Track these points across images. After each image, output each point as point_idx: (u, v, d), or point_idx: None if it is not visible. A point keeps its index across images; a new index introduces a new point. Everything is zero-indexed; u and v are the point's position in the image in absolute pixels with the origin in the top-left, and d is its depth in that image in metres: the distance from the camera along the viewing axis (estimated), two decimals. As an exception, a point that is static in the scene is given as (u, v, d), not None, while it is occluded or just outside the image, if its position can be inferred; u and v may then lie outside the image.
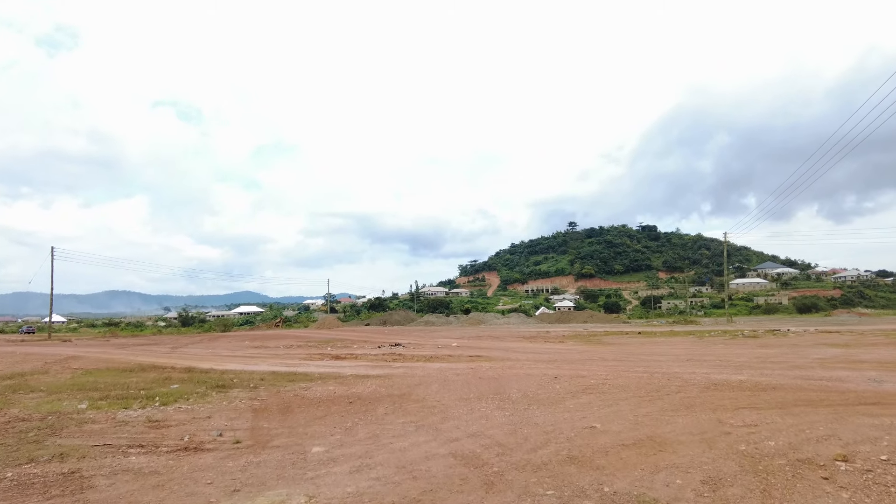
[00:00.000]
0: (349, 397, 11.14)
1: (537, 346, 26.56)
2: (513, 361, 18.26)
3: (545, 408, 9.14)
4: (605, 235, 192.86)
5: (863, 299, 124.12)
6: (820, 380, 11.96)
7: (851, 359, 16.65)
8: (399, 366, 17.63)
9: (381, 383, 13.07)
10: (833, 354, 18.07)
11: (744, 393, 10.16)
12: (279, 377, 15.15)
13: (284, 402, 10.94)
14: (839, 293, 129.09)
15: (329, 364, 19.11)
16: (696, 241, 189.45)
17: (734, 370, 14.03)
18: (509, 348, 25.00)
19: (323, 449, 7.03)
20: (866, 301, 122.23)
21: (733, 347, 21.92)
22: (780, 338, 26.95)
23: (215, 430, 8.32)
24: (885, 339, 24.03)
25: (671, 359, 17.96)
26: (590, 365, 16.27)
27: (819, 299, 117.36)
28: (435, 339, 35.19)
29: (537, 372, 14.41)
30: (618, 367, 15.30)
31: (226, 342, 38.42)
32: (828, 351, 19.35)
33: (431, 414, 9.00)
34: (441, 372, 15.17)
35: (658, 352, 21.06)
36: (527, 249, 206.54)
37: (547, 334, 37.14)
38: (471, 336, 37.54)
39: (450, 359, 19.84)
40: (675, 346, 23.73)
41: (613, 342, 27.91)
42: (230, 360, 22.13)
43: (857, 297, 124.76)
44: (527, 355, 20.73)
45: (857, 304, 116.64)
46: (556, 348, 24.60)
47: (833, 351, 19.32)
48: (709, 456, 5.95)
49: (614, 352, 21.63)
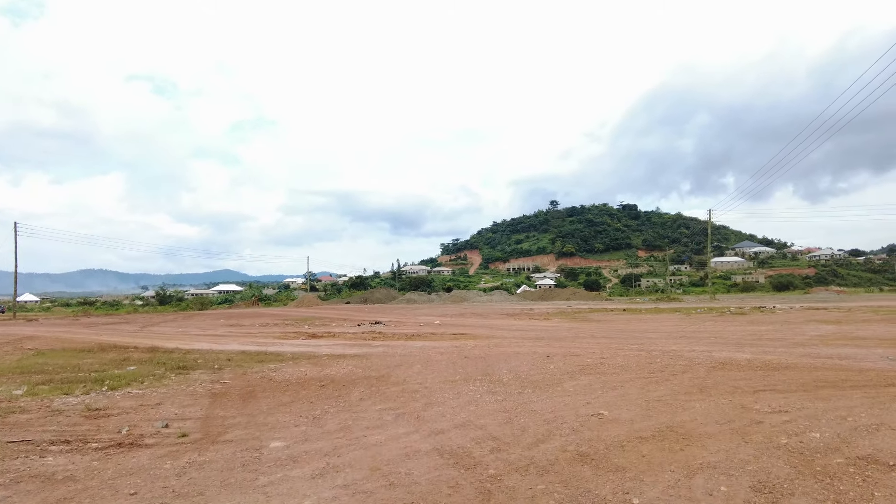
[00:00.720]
0: (321, 380, 9.98)
1: (522, 323, 25.63)
2: (499, 339, 17.25)
3: (541, 391, 8.07)
4: (586, 214, 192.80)
5: (836, 277, 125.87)
6: (830, 358, 11.10)
7: (850, 335, 15.92)
8: (378, 344, 16.51)
9: (357, 364, 11.93)
10: (829, 331, 17.36)
11: (756, 373, 9.21)
12: (248, 357, 13.94)
13: (249, 385, 9.75)
14: (814, 272, 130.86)
15: (304, 343, 17.91)
16: (676, 220, 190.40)
17: (735, 348, 13.15)
18: (494, 325, 24.01)
19: (283, 444, 5.87)
20: (839, 279, 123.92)
21: (724, 324, 21.17)
22: (769, 314, 26.37)
23: (161, 421, 7.10)
24: (875, 316, 23.54)
25: (664, 336, 17.09)
26: (581, 342, 15.30)
27: (795, 278, 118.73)
28: (417, 316, 34.12)
29: (527, 350, 13.38)
30: (611, 345, 14.35)
31: (200, 321, 36.92)
32: (822, 327, 18.66)
33: (413, 399, 7.88)
34: (423, 351, 14.07)
35: (648, 328, 20.22)
36: (508, 228, 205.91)
37: (531, 311, 36.30)
38: (454, 314, 36.54)
39: (432, 337, 18.77)
40: (664, 323, 22.95)
41: (599, 319, 27.10)
42: (200, 339, 20.81)
43: (830, 276, 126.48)
44: (513, 333, 19.75)
45: (830, 283, 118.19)
46: (542, 325, 23.68)
47: (828, 327, 18.64)
48: (748, 452, 4.90)
49: (603, 328, 20.75)
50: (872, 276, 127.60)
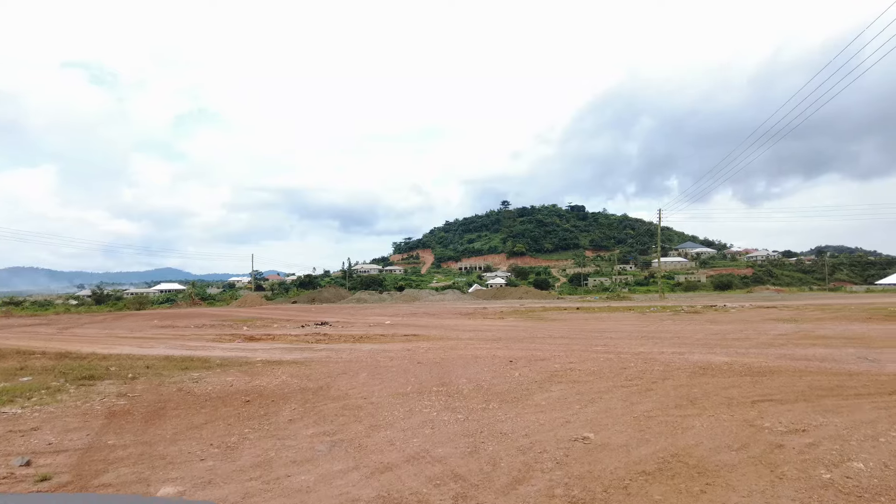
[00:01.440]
0: (249, 393, 8.40)
1: (477, 322, 24.43)
2: (454, 341, 15.94)
3: (509, 406, 6.77)
4: (536, 215, 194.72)
5: (771, 277, 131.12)
6: (808, 360, 10.30)
7: (812, 334, 15.42)
8: (322, 348, 14.92)
9: (295, 372, 10.36)
10: (790, 330, 16.89)
11: (742, 379, 8.22)
12: (171, 364, 12.12)
13: (160, 400, 8.06)
14: (751, 272, 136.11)
15: (239, 346, 16.11)
16: (622, 221, 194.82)
17: (706, 349, 12.28)
18: (448, 326, 22.71)
19: (176, 489, 4.34)
20: (774, 279, 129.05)
21: (683, 324, 20.57)
22: (723, 313, 26.12)
23: (21, 457, 5.39)
24: (824, 314, 23.54)
25: (626, 336, 16.19)
26: (542, 344, 14.17)
27: (734, 277, 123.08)
28: (367, 316, 32.47)
29: (486, 353, 12.11)
30: (574, 347, 13.26)
31: (132, 321, 34.06)
32: (781, 326, 18.24)
33: (355, 419, 6.44)
34: (372, 355, 12.60)
35: (607, 328, 19.36)
36: (461, 227, 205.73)
37: (484, 310, 35.22)
38: (405, 313, 35.06)
39: (382, 339, 17.29)
40: (622, 322, 22.21)
41: (555, 318, 26.22)
42: (124, 342, 18.62)
43: (766, 276, 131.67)
44: (468, 333, 18.49)
45: (766, 282, 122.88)
46: (497, 325, 22.54)
47: (786, 326, 18.23)
48: (789, 495, 3.73)
49: (561, 328, 19.77)
50: (803, 276, 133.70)
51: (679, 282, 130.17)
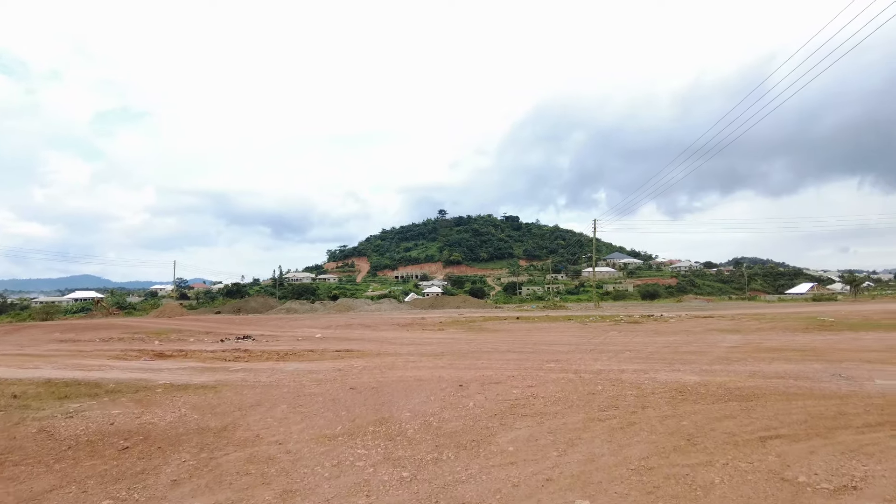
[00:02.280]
0: (130, 435, 6.47)
1: (416, 335, 22.83)
2: (393, 357, 14.29)
3: (468, 454, 5.24)
4: (473, 224, 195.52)
5: (694, 287, 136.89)
6: (781, 377, 9.39)
7: (764, 346, 14.85)
8: (239, 368, 12.89)
9: (199, 402, 8.42)
10: (739, 342, 16.33)
11: (728, 406, 7.08)
12: (50, 390, 9.86)
13: (5, 449, 6.04)
14: (675, 281, 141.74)
15: (144, 366, 13.81)
16: (554, 232, 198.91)
17: (667, 365, 11.26)
18: (385, 338, 20.98)
19: None
20: (696, 289, 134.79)
21: (628, 335, 19.79)
22: (663, 323, 25.75)
23: None
24: (760, 323, 23.52)
25: (575, 349, 15.07)
26: (490, 361, 12.76)
27: (659, 287, 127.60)
28: (296, 328, 30.14)
29: (430, 374, 10.55)
30: (526, 364, 11.93)
31: (29, 334, 30.16)
32: (728, 337, 17.72)
33: (263, 481, 4.72)
34: (296, 378, 10.76)
35: (554, 340, 18.26)
36: (398, 235, 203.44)
37: (423, 321, 33.62)
38: (339, 324, 32.92)
39: (310, 356, 15.39)
40: (565, 333, 21.24)
41: (497, 329, 25.02)
42: (6, 360, 15.83)
43: (689, 286, 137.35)
44: (407, 347, 16.87)
45: (689, 291, 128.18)
46: (437, 337, 21.02)
47: (733, 337, 17.73)
48: None
49: (505, 340, 18.51)
50: (723, 286, 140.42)
51: (608, 291, 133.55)
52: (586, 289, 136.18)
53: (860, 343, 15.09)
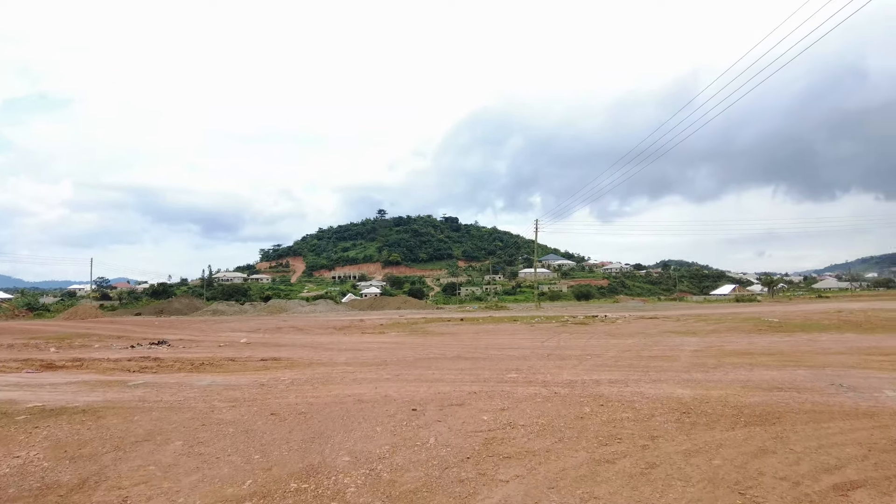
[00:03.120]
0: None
1: (354, 339, 20.77)
2: (327, 367, 12.28)
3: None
4: (412, 225, 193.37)
5: (624, 288, 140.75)
6: (780, 389, 8.15)
7: (729, 350, 13.88)
8: (141, 382, 10.54)
9: (64, 437, 6.21)
10: (701, 345, 15.35)
11: (753, 432, 5.63)
12: None
13: None
14: (607, 283, 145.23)
15: (22, 380, 11.16)
16: (492, 234, 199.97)
17: (642, 374, 9.86)
18: (319, 344, 18.82)
19: None
20: (627, 290, 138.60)
21: (582, 337, 18.58)
22: (609, 324, 24.85)
23: None
24: (707, 325, 22.93)
25: (533, 355, 13.56)
26: (442, 370, 11.01)
27: (592, 288, 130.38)
28: (221, 332, 27.32)
29: (373, 391, 8.67)
30: (484, 374, 10.26)
31: None
32: (686, 340, 16.76)
33: None
34: (206, 397, 8.61)
35: (505, 344, 16.74)
36: (335, 235, 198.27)
37: (361, 323, 31.46)
38: (269, 328, 30.24)
39: (230, 366, 13.13)
40: (516, 336, 19.81)
41: (442, 331, 23.33)
42: None
43: (620, 287, 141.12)
44: (345, 355, 14.86)
45: (620, 292, 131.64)
46: (378, 341, 19.08)
47: (691, 340, 16.79)
48: None
49: (453, 344, 16.83)
50: (652, 287, 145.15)
51: (543, 291, 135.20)
52: (523, 289, 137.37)
53: (820, 345, 14.40)
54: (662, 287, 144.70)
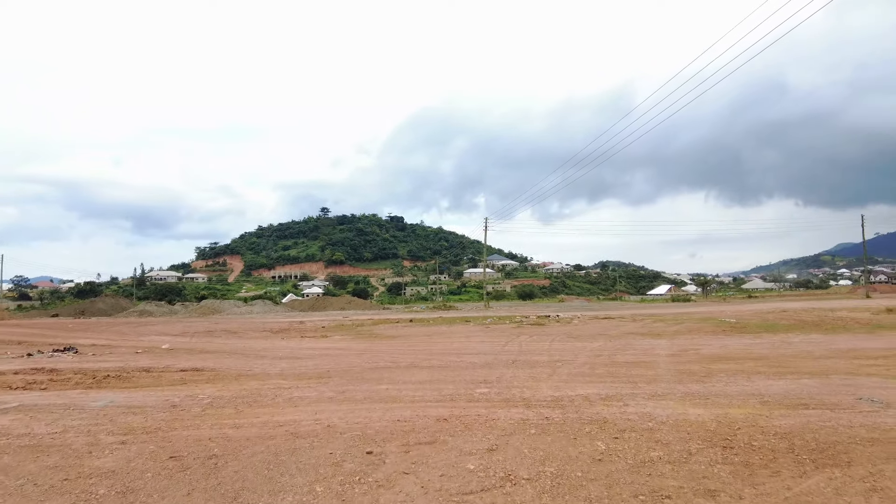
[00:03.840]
0: None
1: (293, 344, 18.58)
2: (257, 381, 10.23)
3: None
4: (357, 223, 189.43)
5: (565, 288, 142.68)
6: (807, 405, 6.86)
7: (709, 355, 12.75)
8: (15, 405, 8.18)
9: None
10: (670, 347, 14.24)
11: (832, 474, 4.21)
12: None
13: None
14: (549, 283, 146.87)
15: None
16: (438, 234, 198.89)
17: (630, 386, 8.40)
18: (252, 350, 16.57)
19: None
20: (568, 289, 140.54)
21: (542, 340, 17.15)
22: (566, 325, 23.66)
23: None
24: (665, 325, 22.13)
25: (495, 362, 11.96)
26: (395, 383, 9.21)
27: (535, 287, 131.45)
28: (144, 336, 24.36)
29: (313, 419, 6.75)
30: (448, 389, 8.54)
31: None
32: (655, 342, 15.64)
33: None
34: (91, 429, 6.47)
35: (461, 348, 15.09)
36: (276, 233, 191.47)
37: (302, 326, 29.05)
38: (199, 331, 27.40)
39: (141, 379, 10.83)
40: (472, 339, 18.19)
41: (391, 334, 21.43)
42: None
43: (561, 286, 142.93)
44: (280, 364, 12.77)
45: (561, 291, 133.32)
46: (321, 347, 17.01)
47: (659, 342, 15.69)
48: None
49: (405, 350, 15.02)
50: (591, 287, 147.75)
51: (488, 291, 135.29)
52: (468, 289, 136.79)
53: (799, 347, 13.52)
54: (601, 287, 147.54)
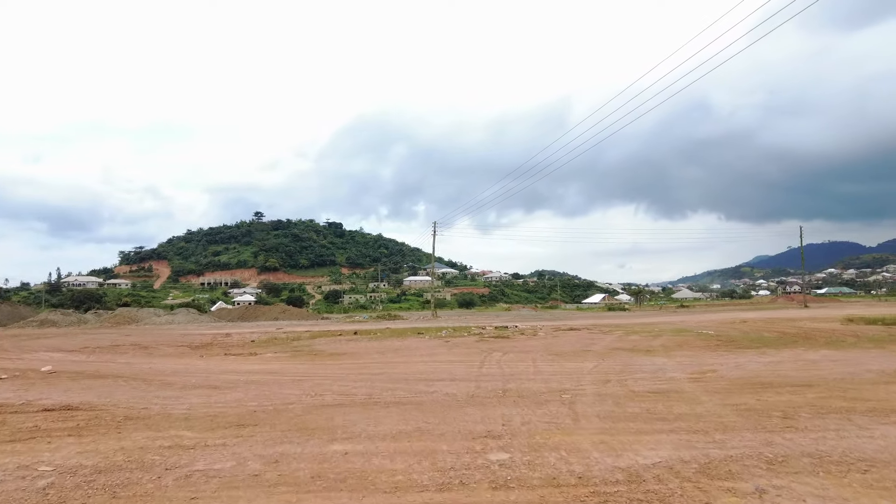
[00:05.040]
0: None
1: (213, 364, 14.86)
2: (147, 431, 6.74)
3: None
4: (292, 229, 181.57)
5: (504, 296, 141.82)
6: None
7: (745, 380, 10.34)
8: None
9: None
10: (676, 366, 11.77)
11: None
12: None
13: None
14: (488, 291, 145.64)
15: None
16: (377, 241, 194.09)
17: (701, 436, 5.69)
18: (159, 374, 12.78)
19: None
20: (506, 298, 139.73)
21: (522, 359, 14.25)
22: (532, 338, 20.98)
23: None
24: (639, 337, 19.92)
25: (479, 393, 9.01)
26: (356, 440, 6.05)
27: (474, 296, 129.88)
28: (28, 352, 19.64)
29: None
30: (441, 451, 5.51)
31: None
32: (656, 361, 13.13)
33: None
34: None
35: (427, 372, 12.01)
36: (205, 238, 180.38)
37: (228, 339, 24.95)
38: (102, 345, 22.81)
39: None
40: (436, 357, 15.11)
41: (334, 350, 18.00)
42: None
43: (500, 294, 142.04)
44: (187, 400, 9.21)
45: (500, 300, 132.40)
46: (247, 371, 13.42)
47: (660, 360, 13.19)
48: None
49: (358, 376, 11.77)
50: (528, 295, 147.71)
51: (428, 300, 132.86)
52: (408, 297, 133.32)
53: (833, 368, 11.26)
54: (538, 295, 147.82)
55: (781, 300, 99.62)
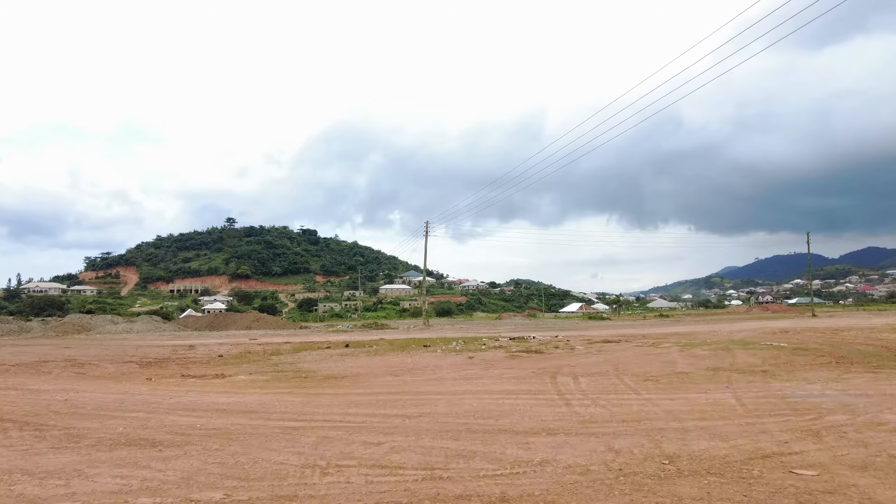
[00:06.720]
0: None
1: (161, 394, 10.19)
2: None
3: None
4: (265, 236, 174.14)
5: (481, 305, 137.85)
6: None
7: None
8: None
9: None
10: (869, 398, 7.75)
11: None
12: None
13: None
14: (465, 299, 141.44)
15: None
16: (352, 248, 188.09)
17: None
18: (74, 410, 8.10)
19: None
20: (483, 306, 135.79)
21: (603, 386, 10.08)
22: (570, 353, 16.71)
23: None
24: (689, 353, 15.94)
25: (640, 466, 4.80)
26: None
27: (451, 304, 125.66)
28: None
29: None
30: None
31: None
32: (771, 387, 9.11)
33: None
34: None
35: (486, 411, 7.70)
36: (175, 244, 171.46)
37: (191, 352, 20.04)
38: (27, 360, 17.71)
39: None
40: (476, 383, 10.77)
41: (328, 370, 13.46)
42: None
43: (477, 303, 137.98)
44: (87, 484, 4.73)
45: (477, 308, 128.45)
46: (211, 407, 8.84)
47: (813, 389, 9.18)
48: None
49: (383, 418, 7.42)
50: (505, 304, 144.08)
51: (405, 308, 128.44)
52: (384, 305, 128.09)
53: None
54: (515, 304, 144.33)
55: (756, 310, 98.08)
